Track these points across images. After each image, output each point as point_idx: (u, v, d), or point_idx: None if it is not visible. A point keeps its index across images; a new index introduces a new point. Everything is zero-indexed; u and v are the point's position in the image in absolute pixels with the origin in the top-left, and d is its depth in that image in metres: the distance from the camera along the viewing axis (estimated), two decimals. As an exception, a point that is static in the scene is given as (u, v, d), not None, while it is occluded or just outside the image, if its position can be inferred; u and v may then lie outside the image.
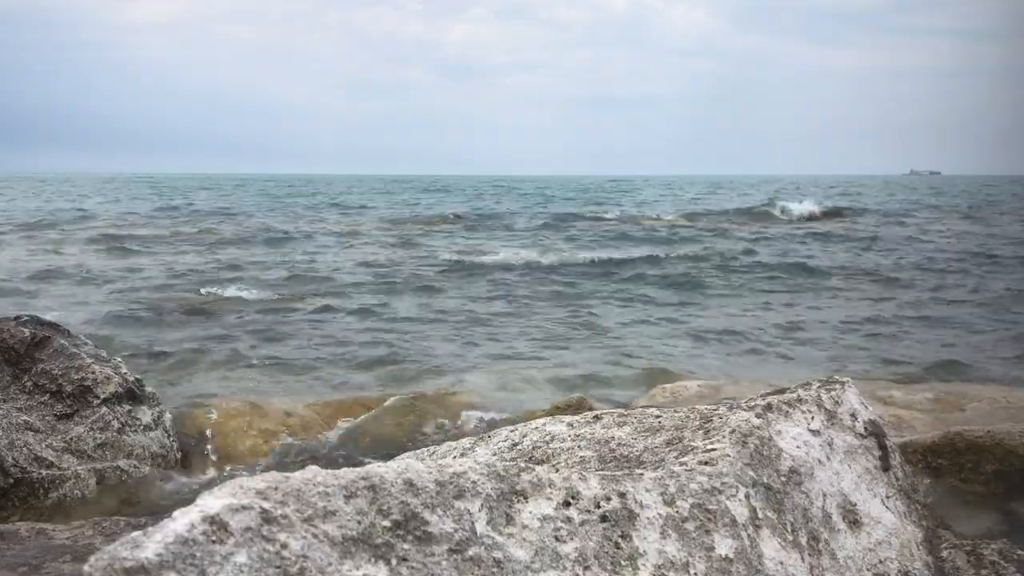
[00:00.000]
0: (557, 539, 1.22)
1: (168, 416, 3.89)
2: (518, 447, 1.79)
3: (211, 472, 3.95)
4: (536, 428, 1.85)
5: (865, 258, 14.15)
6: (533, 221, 22.99)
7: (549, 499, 1.27)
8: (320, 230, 19.53)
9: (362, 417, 4.63)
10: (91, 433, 3.50)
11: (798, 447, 1.67)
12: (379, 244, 16.54)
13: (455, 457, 1.83)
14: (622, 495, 1.33)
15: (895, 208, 28.99)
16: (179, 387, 5.58)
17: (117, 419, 3.59)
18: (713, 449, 1.54)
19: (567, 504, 1.28)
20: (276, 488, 1.03)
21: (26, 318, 3.80)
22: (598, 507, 1.30)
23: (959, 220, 23.45)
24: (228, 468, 3.98)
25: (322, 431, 4.52)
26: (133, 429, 3.63)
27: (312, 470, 1.11)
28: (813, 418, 1.77)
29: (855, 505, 1.69)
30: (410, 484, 1.14)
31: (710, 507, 1.40)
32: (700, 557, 1.33)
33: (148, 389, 3.85)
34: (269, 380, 5.84)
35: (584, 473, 1.36)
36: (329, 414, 4.76)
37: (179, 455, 3.87)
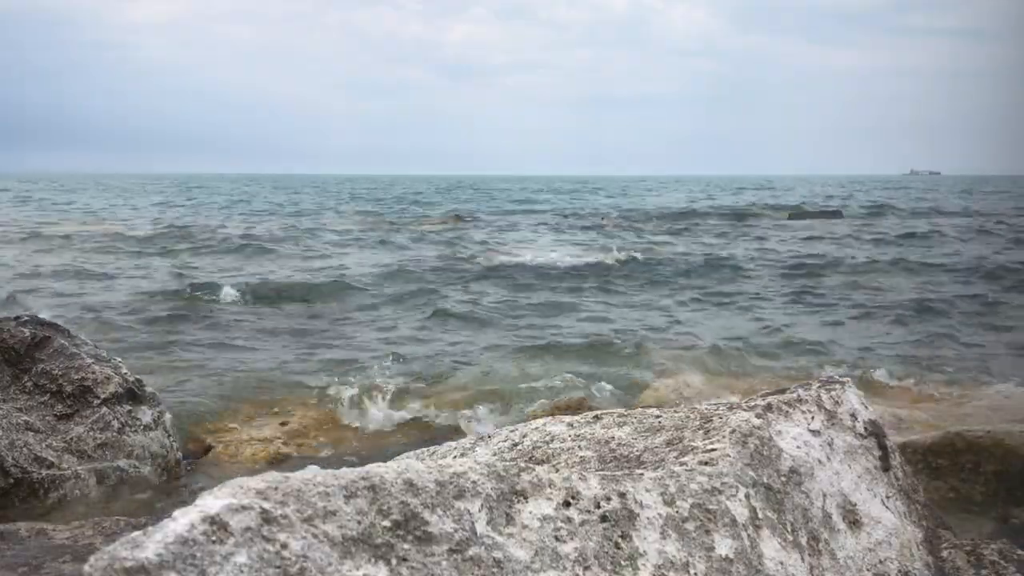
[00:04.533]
0: (557, 539, 1.22)
1: (168, 416, 3.89)
2: (518, 447, 1.79)
3: (211, 472, 3.95)
4: (536, 428, 1.84)
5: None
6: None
7: (549, 499, 1.27)
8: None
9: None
10: (91, 433, 3.50)
11: (798, 447, 1.67)
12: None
13: (455, 457, 1.83)
14: (622, 495, 1.33)
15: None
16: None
17: (117, 419, 3.59)
18: (713, 449, 1.54)
19: (567, 504, 1.27)
20: (276, 488, 1.03)
21: (26, 318, 3.80)
22: (598, 507, 1.30)
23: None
24: (228, 468, 3.98)
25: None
26: (133, 429, 3.63)
27: (312, 470, 1.11)
28: (813, 418, 1.77)
29: (855, 505, 1.69)
30: (410, 484, 1.13)
31: (710, 507, 1.40)
32: (700, 557, 1.33)
33: (148, 389, 3.85)
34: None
35: (584, 473, 1.36)
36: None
37: (179, 455, 3.87)
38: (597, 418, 1.84)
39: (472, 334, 7.85)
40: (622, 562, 1.25)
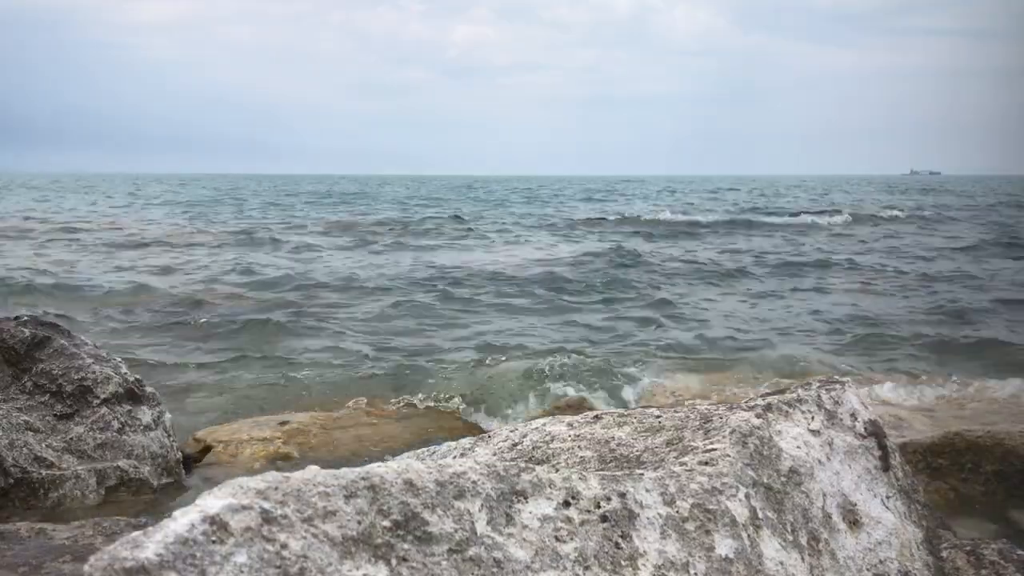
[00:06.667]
0: (557, 539, 1.22)
1: (168, 416, 3.89)
2: (518, 447, 1.79)
3: (211, 472, 3.95)
4: (536, 428, 1.84)
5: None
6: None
7: (549, 499, 1.27)
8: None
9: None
10: (91, 433, 3.50)
11: (798, 447, 1.67)
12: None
13: (455, 457, 1.83)
14: (622, 495, 1.33)
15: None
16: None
17: (117, 419, 3.59)
18: (713, 449, 1.54)
19: (567, 504, 1.27)
20: (276, 488, 1.03)
21: (26, 318, 3.80)
22: (598, 507, 1.30)
23: None
24: (228, 468, 3.98)
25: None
26: (133, 429, 3.63)
27: (312, 470, 1.11)
28: (813, 418, 1.77)
29: (855, 505, 1.69)
30: (410, 484, 1.13)
31: (710, 507, 1.40)
32: (700, 557, 1.33)
33: (148, 389, 3.85)
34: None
35: (584, 473, 1.36)
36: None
37: (179, 455, 3.86)
38: (597, 418, 1.84)
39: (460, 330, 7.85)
40: (622, 562, 1.25)
